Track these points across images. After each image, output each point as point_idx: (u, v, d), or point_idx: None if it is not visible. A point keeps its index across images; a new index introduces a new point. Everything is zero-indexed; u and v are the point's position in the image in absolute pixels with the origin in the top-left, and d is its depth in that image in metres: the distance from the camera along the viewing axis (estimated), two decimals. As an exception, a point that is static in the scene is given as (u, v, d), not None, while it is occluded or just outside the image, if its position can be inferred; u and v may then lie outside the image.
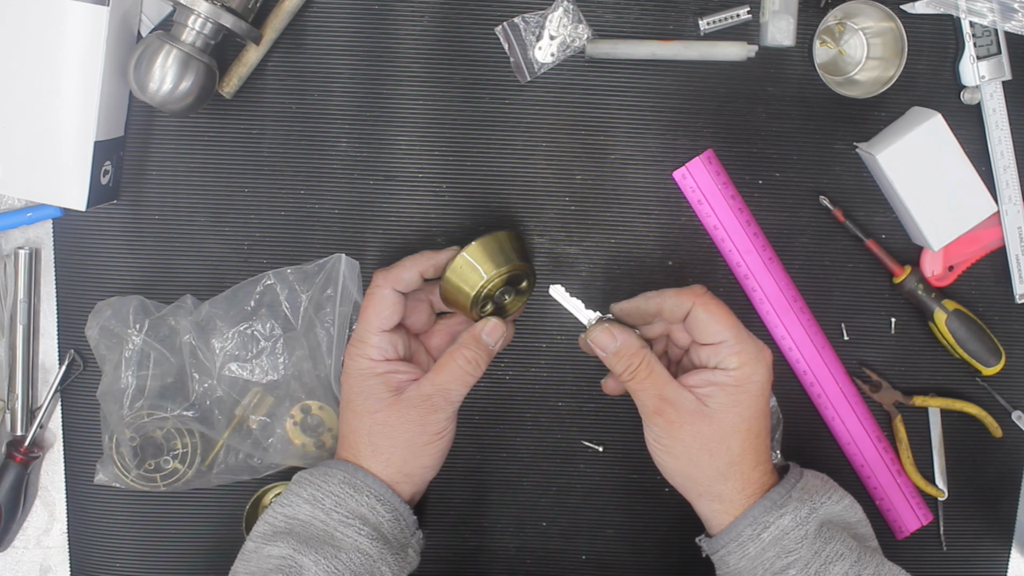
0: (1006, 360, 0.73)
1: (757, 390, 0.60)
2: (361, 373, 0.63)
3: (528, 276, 0.66)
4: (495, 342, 0.64)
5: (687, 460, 0.60)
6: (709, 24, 0.70)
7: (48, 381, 0.73)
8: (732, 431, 0.59)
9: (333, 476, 0.60)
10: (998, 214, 0.72)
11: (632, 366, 0.61)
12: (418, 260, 0.64)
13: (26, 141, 0.64)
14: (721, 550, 0.60)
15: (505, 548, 0.75)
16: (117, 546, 0.74)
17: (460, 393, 0.62)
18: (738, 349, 0.60)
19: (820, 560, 0.57)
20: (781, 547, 0.58)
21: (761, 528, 0.58)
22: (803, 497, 0.59)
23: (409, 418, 0.61)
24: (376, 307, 0.63)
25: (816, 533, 0.58)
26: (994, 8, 0.70)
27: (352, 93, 0.70)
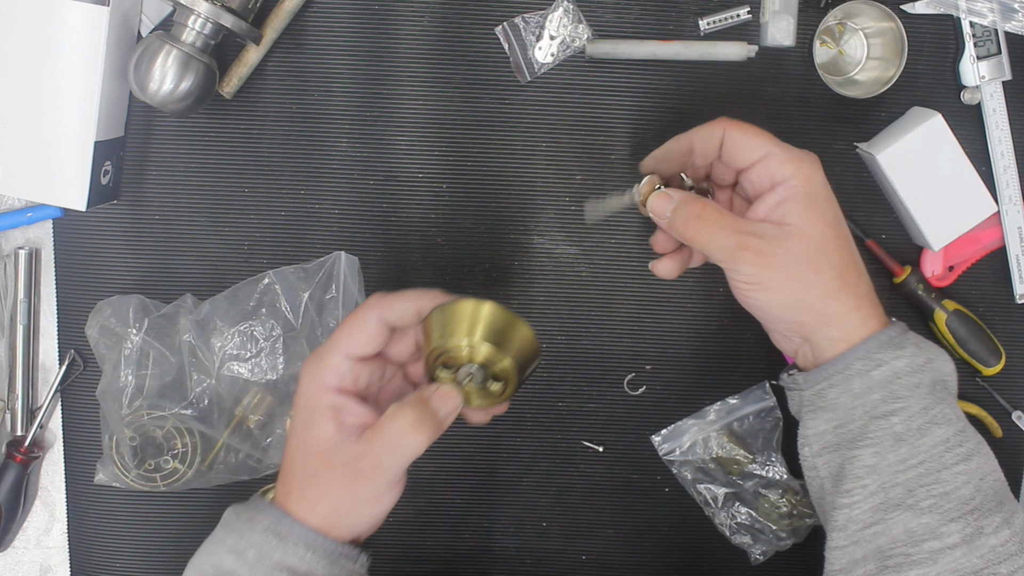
0: (1006, 360, 0.73)
1: (826, 192, 0.55)
2: (310, 397, 0.54)
3: (507, 383, 0.55)
4: (445, 412, 0.53)
5: (793, 286, 0.54)
6: (709, 24, 0.70)
7: (48, 381, 0.73)
8: (825, 240, 0.54)
9: (257, 523, 0.53)
10: (998, 214, 0.72)
11: (696, 212, 0.56)
12: (420, 296, 0.56)
13: (26, 141, 0.64)
14: (823, 383, 0.55)
15: (505, 548, 0.75)
16: (117, 546, 0.74)
17: (392, 465, 0.52)
18: (787, 156, 0.55)
19: (926, 417, 0.53)
20: (889, 391, 0.53)
21: (874, 365, 0.54)
22: (921, 344, 0.55)
23: (336, 477, 0.53)
24: (351, 327, 0.55)
25: (929, 389, 0.53)
26: (994, 8, 0.70)
27: (352, 93, 0.70)
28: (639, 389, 0.74)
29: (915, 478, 0.53)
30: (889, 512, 0.53)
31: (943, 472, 0.53)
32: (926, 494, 0.52)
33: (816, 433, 0.57)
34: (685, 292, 0.73)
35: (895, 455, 0.53)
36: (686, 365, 0.74)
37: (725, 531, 0.75)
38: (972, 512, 0.52)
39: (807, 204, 0.55)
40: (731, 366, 0.74)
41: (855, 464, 0.54)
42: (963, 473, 0.53)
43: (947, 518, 0.52)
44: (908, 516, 0.52)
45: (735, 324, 0.74)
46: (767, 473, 0.74)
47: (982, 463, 0.54)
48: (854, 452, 0.54)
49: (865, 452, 0.54)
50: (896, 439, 0.53)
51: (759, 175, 0.56)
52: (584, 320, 0.73)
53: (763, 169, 0.56)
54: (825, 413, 0.56)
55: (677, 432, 0.74)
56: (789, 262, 0.54)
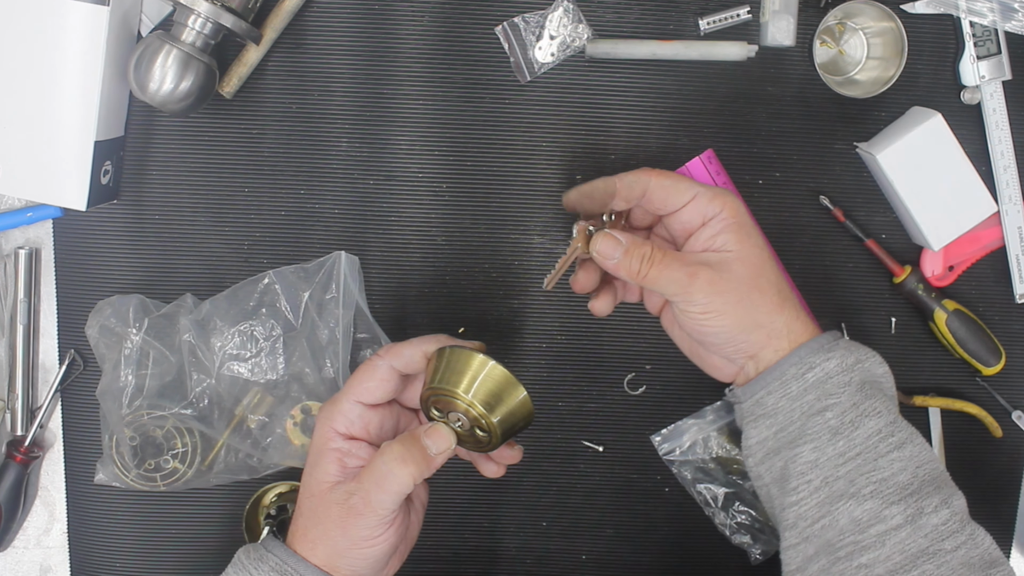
0: (1006, 360, 0.73)
1: (750, 220, 0.60)
2: (318, 441, 0.58)
3: (492, 439, 0.58)
4: (436, 449, 0.56)
5: (743, 308, 0.58)
6: (709, 24, 0.70)
7: (48, 381, 0.73)
8: (761, 262, 0.59)
9: (265, 562, 0.55)
10: (998, 214, 0.72)
11: (646, 255, 0.58)
12: (426, 340, 0.59)
13: (26, 141, 0.64)
14: (761, 391, 0.59)
15: (505, 548, 0.75)
16: (117, 546, 0.74)
17: (381, 500, 0.54)
18: (713, 194, 0.59)
19: (858, 411, 0.56)
20: (823, 390, 0.57)
21: (806, 368, 0.57)
22: (850, 348, 0.58)
23: (331, 515, 0.55)
24: (362, 375, 0.58)
25: (859, 386, 0.57)
26: (994, 8, 0.70)
27: (352, 93, 0.70)
28: (639, 389, 0.74)
29: (854, 469, 0.56)
30: (834, 504, 0.56)
31: (879, 460, 0.56)
32: (866, 481, 0.55)
33: (758, 441, 0.60)
34: (685, 292, 0.73)
35: (833, 448, 0.56)
36: (686, 365, 0.74)
37: (725, 531, 0.75)
38: (912, 495, 0.55)
39: (740, 232, 0.59)
40: (731, 366, 0.74)
41: (797, 462, 0.57)
42: (898, 460, 0.56)
43: (888, 501, 0.54)
44: (852, 504, 0.55)
45: (735, 324, 0.73)
46: (767, 473, 0.74)
47: (916, 451, 0.56)
48: (795, 451, 0.57)
49: (805, 448, 0.57)
50: (832, 433, 0.56)
51: (689, 215, 0.60)
52: (584, 320, 0.73)
53: (693, 209, 0.59)
54: (765, 420, 0.59)
55: (677, 432, 0.74)
56: (736, 285, 0.58)
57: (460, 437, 0.58)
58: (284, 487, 0.73)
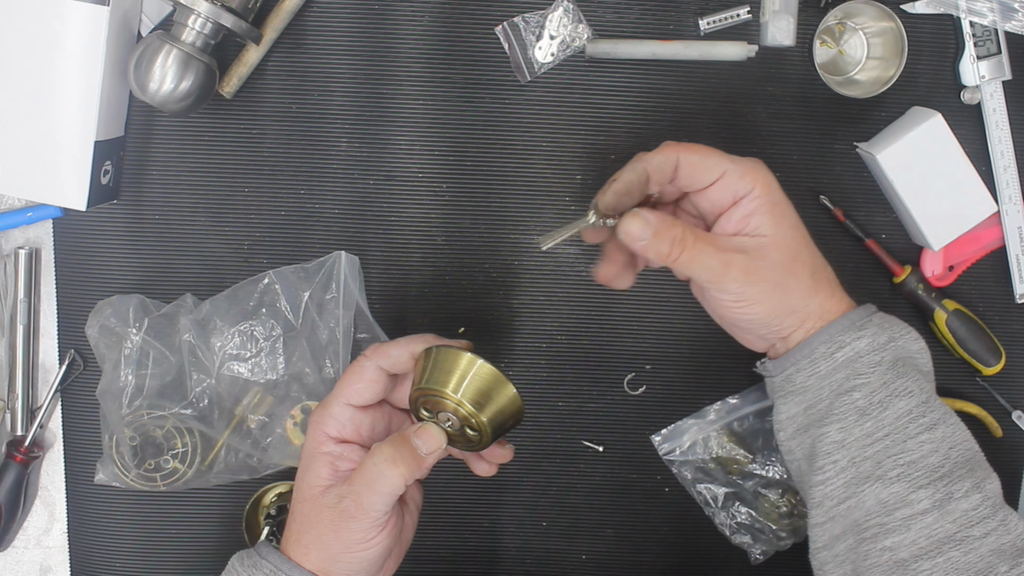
0: (1006, 360, 0.73)
1: (784, 196, 0.57)
2: (310, 445, 0.57)
3: (482, 437, 0.57)
4: (426, 450, 0.55)
5: (777, 295, 0.56)
6: (709, 24, 0.70)
7: (48, 381, 0.73)
8: (796, 243, 0.57)
9: (259, 568, 0.55)
10: (998, 214, 0.72)
11: (677, 236, 0.55)
12: (413, 340, 0.58)
13: (26, 141, 0.64)
14: (790, 368, 0.58)
15: (505, 548, 0.75)
16: (117, 546, 0.74)
17: (373, 502, 0.53)
18: (744, 170, 0.57)
19: (887, 391, 0.55)
20: (852, 369, 0.56)
21: (836, 347, 0.56)
22: (883, 324, 0.57)
23: (323, 519, 0.54)
24: (350, 377, 0.57)
25: (891, 365, 0.56)
26: (994, 8, 0.70)
27: (352, 93, 0.70)
28: (639, 389, 0.74)
29: (882, 450, 0.55)
30: (860, 485, 0.55)
31: (908, 442, 0.54)
32: (893, 464, 0.54)
33: (788, 417, 0.59)
34: (685, 292, 0.73)
35: (860, 429, 0.55)
36: (686, 365, 0.74)
37: (725, 531, 0.75)
38: (941, 479, 0.54)
39: (774, 212, 0.57)
40: (731, 366, 0.74)
41: (824, 441, 0.56)
42: (929, 442, 0.54)
43: (916, 485, 0.53)
44: (878, 487, 0.54)
45: (735, 324, 0.74)
46: (767, 473, 0.74)
47: (949, 432, 0.55)
48: (822, 430, 0.56)
49: (832, 428, 0.56)
50: (860, 413, 0.55)
51: (718, 193, 0.57)
52: (584, 320, 0.73)
53: (722, 186, 0.57)
54: (795, 396, 0.58)
55: (677, 432, 0.74)
56: (772, 273, 0.56)
57: (450, 437, 0.57)
58: (284, 487, 0.73)
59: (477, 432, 0.57)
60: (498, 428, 0.57)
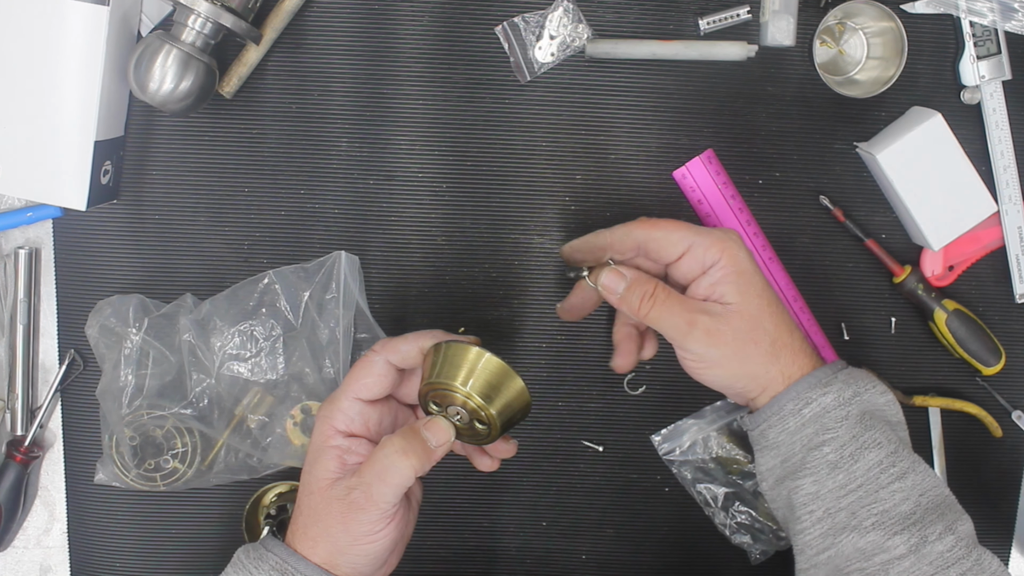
0: (1006, 360, 0.73)
1: (751, 265, 0.59)
2: (318, 439, 0.58)
3: (491, 430, 0.58)
4: (436, 442, 0.56)
5: (737, 361, 0.59)
6: (709, 24, 0.70)
7: (48, 381, 0.73)
8: (759, 312, 0.59)
9: (265, 561, 0.56)
10: (998, 214, 0.72)
11: (648, 292, 0.59)
12: (421, 335, 0.59)
13: (26, 141, 0.64)
14: (763, 424, 0.60)
15: (505, 548, 0.75)
16: (117, 546, 0.74)
17: (383, 493, 0.54)
18: (710, 242, 0.59)
19: (857, 444, 0.57)
20: (820, 424, 0.58)
21: (803, 404, 0.58)
22: (848, 380, 0.59)
23: (332, 511, 0.55)
24: (359, 371, 0.58)
25: (858, 418, 0.57)
26: (994, 8, 0.70)
27: (352, 93, 0.70)
28: (639, 389, 0.74)
29: (855, 501, 0.57)
30: (838, 536, 0.57)
31: (880, 492, 0.56)
32: (868, 513, 0.56)
33: (768, 468, 0.61)
34: (685, 292, 0.73)
35: (833, 481, 0.57)
36: (686, 365, 0.74)
37: (725, 531, 0.75)
38: (915, 524, 0.55)
39: (739, 282, 0.59)
40: (731, 366, 0.74)
41: (799, 493, 0.58)
42: (900, 491, 0.56)
43: (891, 532, 0.55)
44: (855, 536, 0.56)
45: (735, 324, 0.73)
46: (767, 473, 0.74)
47: (919, 479, 0.57)
48: (796, 482, 0.58)
49: (806, 481, 0.58)
50: (831, 467, 0.57)
51: (687, 264, 0.60)
52: (584, 320, 0.73)
53: (691, 259, 0.60)
54: (770, 451, 0.60)
55: (677, 432, 0.74)
56: (732, 339, 0.58)
57: (459, 430, 0.58)
58: (284, 487, 0.73)
59: (486, 425, 0.57)
60: (506, 421, 0.57)
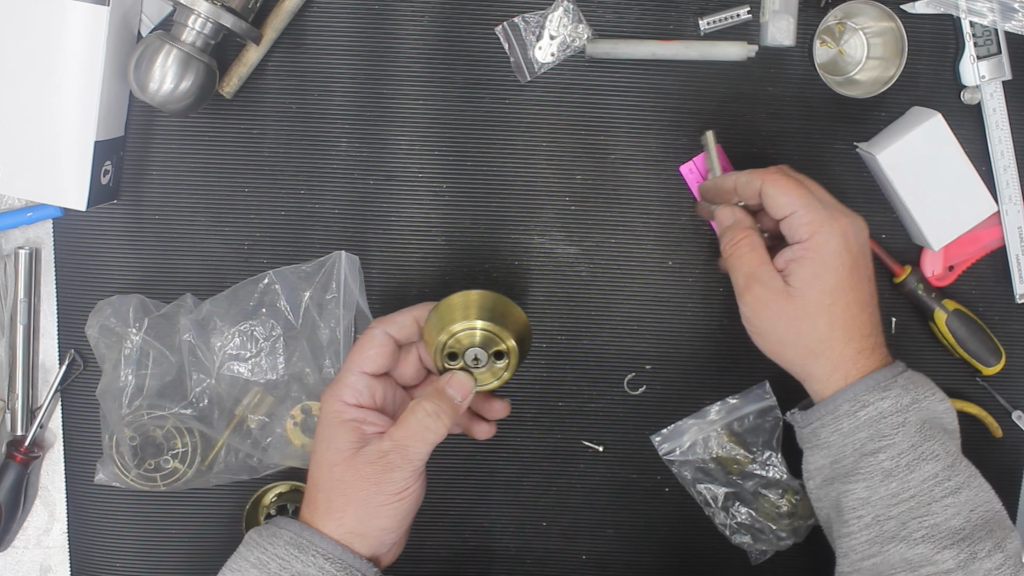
0: (1006, 360, 0.73)
1: (834, 260, 0.58)
2: (330, 416, 0.59)
3: (509, 355, 0.60)
4: (460, 397, 0.59)
5: (775, 340, 0.60)
6: (709, 24, 0.70)
7: (48, 381, 0.73)
8: (816, 308, 0.58)
9: (280, 537, 0.57)
10: (998, 214, 0.72)
11: (735, 240, 0.61)
12: (415, 307, 0.61)
13: (26, 141, 0.64)
14: (816, 422, 0.60)
15: (505, 548, 0.75)
16: (117, 546, 0.74)
17: (419, 451, 0.57)
18: (808, 219, 0.58)
19: (915, 454, 0.56)
20: (876, 430, 0.57)
21: (860, 406, 0.58)
22: (908, 386, 0.58)
23: (364, 475, 0.56)
24: (361, 346, 0.60)
25: (917, 427, 0.57)
26: (994, 8, 0.70)
27: (352, 93, 0.70)
28: (639, 389, 0.74)
29: (907, 511, 0.56)
30: (885, 545, 0.56)
31: (933, 505, 0.56)
32: (918, 526, 0.56)
33: (816, 467, 0.61)
34: (685, 292, 0.73)
35: (886, 489, 0.57)
36: (686, 365, 0.74)
37: (725, 531, 0.75)
38: (964, 540, 0.55)
39: (810, 268, 0.59)
40: (731, 366, 0.74)
41: (849, 497, 0.58)
42: (952, 505, 0.56)
43: (941, 546, 0.55)
44: (903, 547, 0.56)
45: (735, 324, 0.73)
46: (767, 473, 0.74)
47: (972, 495, 0.57)
48: (848, 486, 0.58)
49: (857, 487, 0.58)
50: (885, 475, 0.57)
51: (786, 230, 0.60)
52: (584, 320, 0.73)
53: (787, 225, 0.60)
54: (821, 450, 0.60)
55: (677, 432, 0.74)
56: (775, 319, 0.60)
57: (479, 379, 0.60)
58: (284, 487, 0.73)
59: (504, 354, 0.59)
60: (519, 341, 0.59)
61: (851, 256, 0.59)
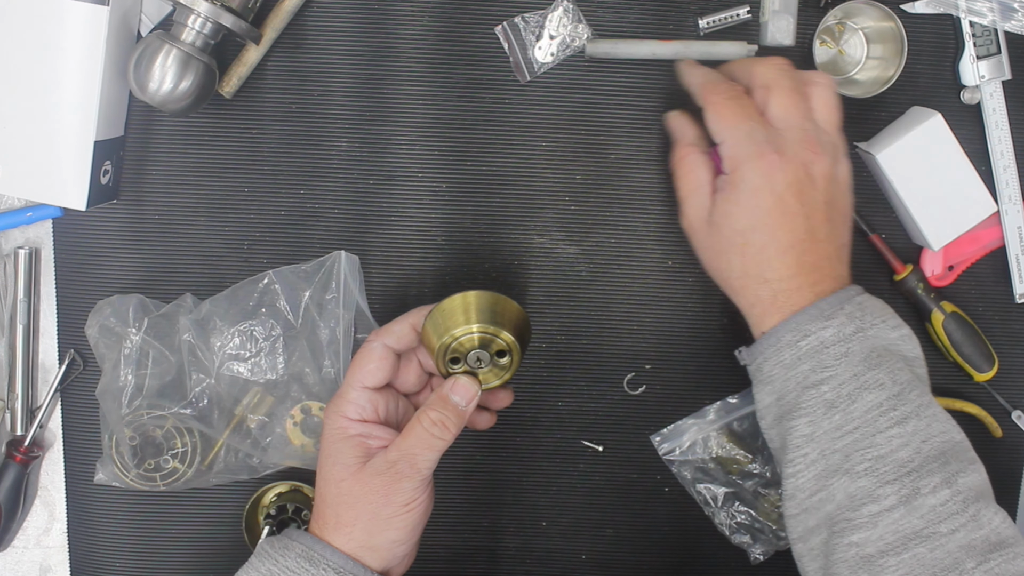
0: (999, 366, 0.73)
1: (749, 199, 0.57)
2: (334, 432, 0.59)
3: (511, 353, 0.60)
4: (466, 402, 0.59)
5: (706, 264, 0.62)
6: (709, 24, 0.70)
7: (48, 381, 0.73)
8: (729, 245, 0.58)
9: (291, 549, 0.57)
10: (998, 214, 0.72)
11: (678, 156, 0.62)
12: (411, 314, 0.61)
13: (26, 141, 0.64)
14: (759, 356, 0.58)
15: (505, 548, 0.75)
16: (117, 546, 0.74)
17: (427, 459, 0.57)
18: (730, 153, 0.58)
19: (856, 383, 0.54)
20: (818, 361, 0.55)
21: (800, 335, 0.55)
22: (855, 314, 0.56)
23: (372, 488, 0.56)
24: (360, 360, 0.60)
25: (863, 356, 0.55)
26: (994, 8, 0.70)
27: (352, 93, 0.70)
28: (639, 389, 0.74)
29: (851, 443, 0.54)
30: (830, 478, 0.54)
31: (877, 436, 0.54)
32: (861, 458, 0.54)
33: (765, 406, 0.59)
34: (685, 292, 0.73)
35: (829, 423, 0.55)
36: (686, 365, 0.74)
37: (725, 531, 0.75)
38: (909, 474, 0.53)
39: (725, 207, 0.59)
40: (731, 366, 0.74)
41: (794, 435, 0.56)
42: (898, 436, 0.54)
43: (883, 480, 0.53)
44: (846, 481, 0.54)
45: (735, 324, 0.73)
46: (767, 473, 0.74)
47: (922, 425, 0.54)
48: (791, 423, 0.56)
49: (800, 422, 0.56)
50: (828, 407, 0.55)
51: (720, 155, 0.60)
52: (584, 320, 0.73)
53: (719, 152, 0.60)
54: (766, 386, 0.58)
55: (677, 432, 0.75)
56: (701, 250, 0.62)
57: (482, 379, 0.60)
58: (284, 487, 0.73)
59: (506, 352, 0.59)
60: (519, 337, 0.59)
61: (773, 195, 0.56)
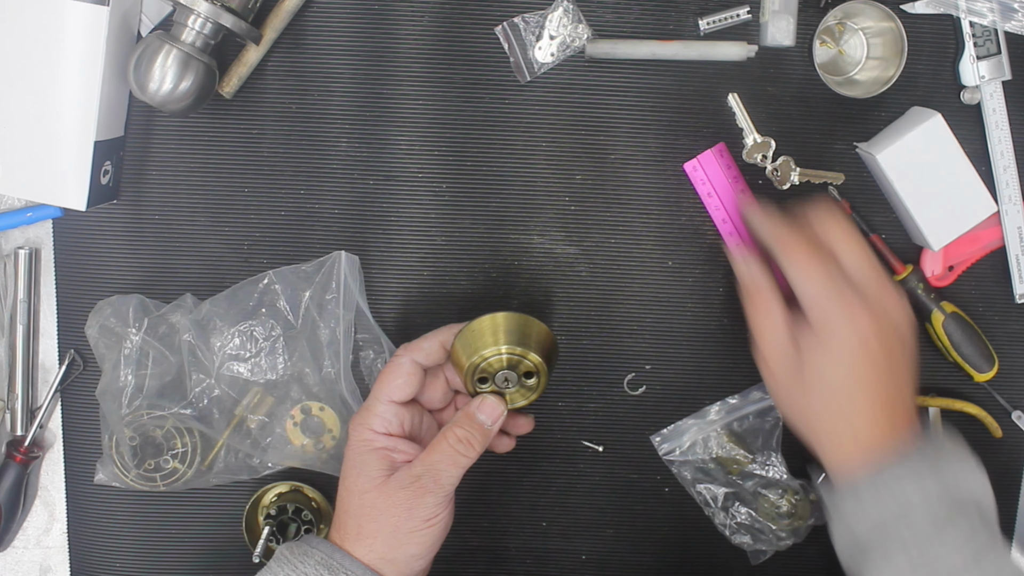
0: (999, 367, 0.73)
1: (844, 357, 0.57)
2: (360, 445, 0.60)
3: (539, 374, 0.62)
4: (492, 421, 0.60)
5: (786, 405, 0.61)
6: (709, 24, 0.70)
7: (48, 381, 0.73)
8: (820, 401, 0.58)
9: (311, 556, 0.57)
10: (998, 214, 0.72)
11: (752, 302, 0.62)
12: (440, 331, 0.62)
13: (26, 141, 0.64)
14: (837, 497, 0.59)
15: (505, 548, 0.75)
16: (117, 546, 0.74)
17: (451, 475, 0.58)
18: (819, 306, 0.58)
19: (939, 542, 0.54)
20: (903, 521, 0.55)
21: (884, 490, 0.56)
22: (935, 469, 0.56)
23: (396, 501, 0.57)
24: (389, 375, 0.61)
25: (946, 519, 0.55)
26: (994, 8, 0.70)
27: (352, 93, 0.70)
28: (639, 389, 0.74)
29: None
30: None
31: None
32: None
33: (842, 542, 0.60)
34: (685, 292, 0.73)
35: None
36: (686, 365, 0.74)
37: (725, 531, 0.75)
38: None
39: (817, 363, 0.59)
40: (731, 366, 0.74)
41: None
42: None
43: None
44: None
45: (735, 324, 0.74)
46: (767, 473, 0.74)
47: None
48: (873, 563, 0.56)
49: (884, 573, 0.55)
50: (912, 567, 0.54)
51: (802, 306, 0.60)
52: (584, 320, 0.73)
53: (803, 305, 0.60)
54: (842, 523, 0.59)
55: (677, 432, 0.75)
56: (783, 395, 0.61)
57: (509, 399, 0.62)
58: (284, 487, 0.73)
59: (534, 373, 0.61)
60: (547, 359, 0.61)
61: (864, 348, 0.57)
